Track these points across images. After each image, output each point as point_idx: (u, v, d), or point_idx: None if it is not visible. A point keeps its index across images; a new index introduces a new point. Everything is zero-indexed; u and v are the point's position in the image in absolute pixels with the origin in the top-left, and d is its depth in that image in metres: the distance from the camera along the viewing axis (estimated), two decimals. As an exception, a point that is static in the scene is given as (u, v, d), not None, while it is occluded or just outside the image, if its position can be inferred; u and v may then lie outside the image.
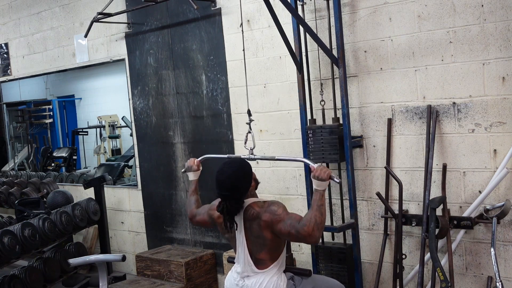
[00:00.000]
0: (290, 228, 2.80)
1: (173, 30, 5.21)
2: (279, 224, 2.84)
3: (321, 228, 2.79)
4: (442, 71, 3.64)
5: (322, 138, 3.94)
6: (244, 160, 3.03)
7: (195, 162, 3.50)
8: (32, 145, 8.90)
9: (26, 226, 4.71)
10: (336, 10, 3.81)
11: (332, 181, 2.83)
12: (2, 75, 7.35)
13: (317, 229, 2.76)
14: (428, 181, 3.63)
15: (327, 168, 2.85)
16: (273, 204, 2.92)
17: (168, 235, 5.58)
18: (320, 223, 2.76)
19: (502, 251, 3.54)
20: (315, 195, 2.82)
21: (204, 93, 5.03)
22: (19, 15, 6.91)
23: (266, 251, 2.94)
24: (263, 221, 2.87)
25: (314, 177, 2.83)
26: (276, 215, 2.86)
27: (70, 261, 4.02)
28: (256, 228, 2.91)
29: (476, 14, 3.47)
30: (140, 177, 5.78)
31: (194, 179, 3.51)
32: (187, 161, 3.55)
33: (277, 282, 2.94)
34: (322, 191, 2.82)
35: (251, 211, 2.92)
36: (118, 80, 6.47)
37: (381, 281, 3.98)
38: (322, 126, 3.97)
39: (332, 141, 3.90)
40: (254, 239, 2.94)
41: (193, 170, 3.49)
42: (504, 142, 3.46)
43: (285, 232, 2.83)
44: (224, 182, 2.89)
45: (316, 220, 2.75)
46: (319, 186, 2.82)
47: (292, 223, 2.81)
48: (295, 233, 2.79)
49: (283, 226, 2.83)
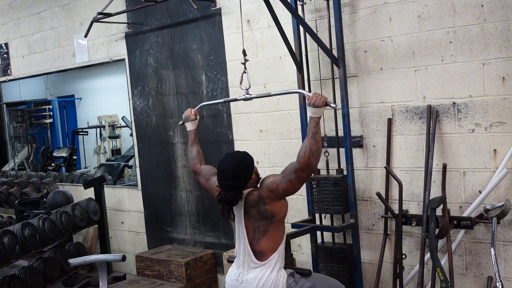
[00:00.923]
0: (289, 176, 2.83)
1: (173, 30, 5.21)
2: (279, 186, 2.87)
3: (318, 156, 2.79)
4: (442, 71, 3.64)
5: (326, 190, 3.97)
6: (247, 153, 3.05)
7: (192, 111, 3.54)
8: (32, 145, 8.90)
9: (26, 226, 4.71)
10: (336, 10, 3.81)
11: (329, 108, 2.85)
12: (2, 75, 7.35)
13: (313, 156, 2.77)
14: (428, 181, 3.63)
15: (322, 95, 2.86)
16: (264, 180, 2.95)
17: (168, 235, 5.58)
18: (315, 151, 2.77)
19: (502, 251, 3.54)
20: (310, 123, 2.83)
21: (204, 93, 5.03)
22: (19, 15, 6.91)
23: (266, 239, 2.94)
24: (266, 198, 2.90)
25: (309, 105, 2.85)
26: (272, 183, 2.89)
27: (70, 261, 4.03)
28: (261, 209, 2.92)
29: (476, 14, 3.47)
30: (140, 177, 5.78)
31: (192, 129, 3.54)
32: (184, 112, 3.58)
33: (276, 278, 2.95)
34: (318, 119, 2.83)
35: (251, 197, 2.96)
36: (118, 80, 6.47)
37: (381, 281, 3.98)
38: (326, 179, 3.99)
39: (336, 193, 3.94)
40: (254, 227, 2.95)
41: (190, 120, 3.53)
42: (504, 142, 3.46)
43: (288, 185, 2.84)
44: (226, 171, 2.92)
45: (311, 148, 2.77)
46: (315, 114, 2.83)
47: (286, 171, 2.85)
48: (294, 175, 2.81)
49: (283, 183, 2.85)
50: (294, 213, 4.45)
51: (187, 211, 5.37)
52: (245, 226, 2.98)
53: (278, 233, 2.98)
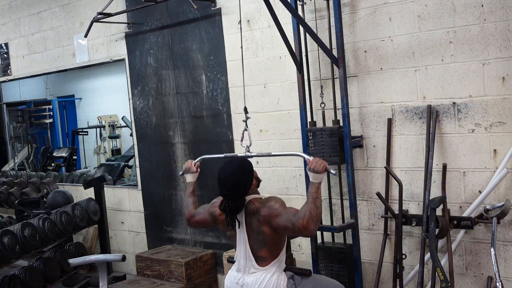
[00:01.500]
0: (286, 222, 2.82)
1: (173, 30, 5.21)
2: (277, 218, 2.86)
3: (317, 221, 2.79)
4: (442, 71, 3.64)
5: (323, 140, 3.93)
6: (245, 159, 3.04)
7: (193, 163, 3.51)
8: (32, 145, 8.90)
9: (26, 226, 4.71)
10: (336, 10, 3.81)
11: (330, 175, 2.83)
12: (2, 75, 7.35)
13: (312, 221, 2.76)
14: (428, 181, 3.63)
15: (323, 160, 2.85)
16: (271, 200, 2.94)
17: (168, 235, 5.58)
18: (315, 216, 2.77)
19: (502, 251, 3.54)
20: (310, 187, 2.83)
21: (204, 93, 5.03)
22: (19, 15, 6.91)
23: (267, 248, 2.94)
24: (262, 216, 2.90)
25: (310, 170, 2.84)
26: (273, 209, 2.88)
27: (70, 261, 4.03)
28: (256, 223, 2.93)
29: (476, 14, 3.47)
30: (140, 177, 5.78)
31: (192, 181, 3.50)
32: (185, 163, 3.54)
33: (277, 281, 2.94)
34: (318, 184, 2.83)
35: (252, 206, 2.95)
36: (118, 80, 6.47)
37: (381, 281, 3.98)
38: (322, 128, 3.97)
39: (332, 143, 3.90)
40: (255, 236, 2.95)
41: (191, 172, 3.49)
42: (504, 142, 3.46)
43: (282, 226, 2.85)
44: (226, 181, 2.91)
45: (311, 213, 2.76)
46: (315, 179, 2.83)
47: (288, 217, 2.83)
48: (291, 226, 2.80)
49: (280, 220, 2.84)
50: (294, 213, 4.45)
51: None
52: (246, 232, 2.98)
53: (279, 240, 2.98)
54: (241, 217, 2.97)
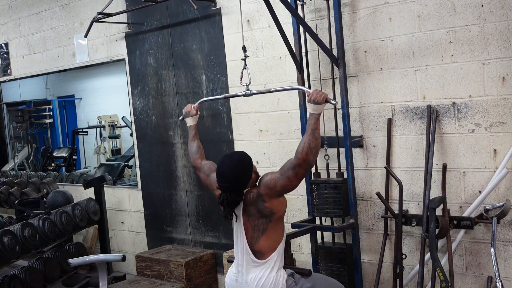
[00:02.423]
0: (287, 172, 2.84)
1: (173, 30, 5.21)
2: (277, 183, 2.87)
3: (316, 153, 2.80)
4: (442, 71, 3.64)
5: (327, 193, 3.97)
6: (245, 153, 3.05)
7: (192, 107, 3.55)
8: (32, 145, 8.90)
9: (26, 226, 4.71)
10: (336, 10, 3.81)
11: (329, 104, 2.87)
12: (2, 75, 7.35)
13: (311, 153, 2.78)
14: (428, 181, 3.63)
15: (322, 91, 2.86)
16: (263, 178, 2.96)
17: (168, 235, 5.58)
18: (314, 147, 2.78)
19: (502, 251, 3.54)
20: (310, 119, 2.83)
21: (204, 93, 5.03)
22: (19, 15, 6.91)
23: (265, 237, 2.94)
24: (264, 196, 2.90)
25: (309, 101, 2.85)
26: (269, 180, 2.90)
27: (70, 261, 4.03)
28: (260, 207, 2.92)
29: (476, 14, 3.47)
30: (140, 177, 5.78)
31: (193, 124, 3.55)
32: (185, 107, 3.58)
33: (276, 278, 2.94)
34: (318, 115, 2.84)
35: (251, 195, 2.96)
36: (118, 80, 6.46)
37: (381, 281, 3.98)
38: (326, 181, 4.00)
39: (336, 197, 3.94)
40: (254, 226, 2.95)
41: (191, 115, 3.54)
42: (504, 142, 3.46)
43: (286, 179, 2.85)
44: (225, 174, 2.91)
45: (310, 145, 2.78)
46: (315, 110, 2.83)
47: (285, 168, 2.86)
48: (292, 171, 2.81)
49: (281, 179, 2.86)
50: (294, 213, 4.45)
51: (187, 211, 5.37)
52: (244, 225, 2.98)
53: (277, 232, 2.98)
54: (238, 209, 2.98)
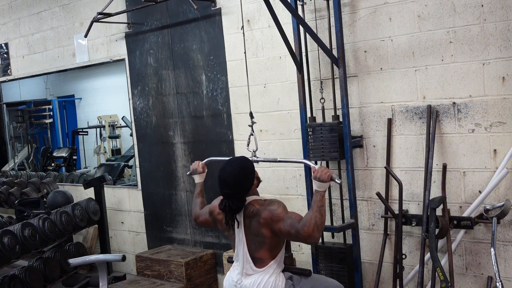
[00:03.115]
0: (290, 228, 2.82)
1: (173, 30, 5.21)
2: (279, 223, 2.85)
3: (321, 229, 2.80)
4: (442, 71, 3.64)
5: (322, 136, 3.93)
6: (246, 158, 3.04)
7: (200, 164, 3.54)
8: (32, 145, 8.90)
9: (26, 226, 4.71)
10: (336, 10, 3.81)
11: (333, 182, 2.84)
12: (2, 75, 7.35)
13: (317, 230, 2.77)
14: (428, 181, 3.63)
15: (328, 169, 2.85)
16: (273, 203, 2.93)
17: (168, 235, 5.58)
18: (320, 224, 2.78)
19: (502, 251, 3.54)
20: (315, 196, 2.83)
21: (204, 93, 5.03)
22: (19, 15, 6.91)
23: (265, 249, 2.94)
24: (262, 219, 2.89)
25: (315, 178, 2.84)
26: (275, 213, 2.87)
27: (70, 261, 4.03)
28: (255, 225, 2.92)
29: (476, 14, 3.47)
30: (140, 177, 5.78)
31: (199, 182, 3.54)
32: (192, 164, 3.59)
33: (275, 282, 2.94)
34: (323, 192, 2.83)
35: (251, 208, 2.94)
36: (118, 80, 6.47)
37: (381, 281, 3.98)
38: (322, 124, 3.97)
39: (332, 139, 3.90)
40: (253, 237, 2.94)
41: (198, 173, 3.53)
42: (504, 142, 3.46)
43: (285, 232, 2.84)
44: (227, 180, 2.90)
45: (316, 221, 2.76)
46: (320, 187, 2.83)
47: (292, 223, 2.82)
48: (295, 233, 2.80)
49: (283, 226, 2.84)
50: (294, 213, 4.45)
51: (187, 211, 5.37)
52: (244, 233, 2.97)
53: (276, 244, 2.97)
54: (239, 218, 2.97)
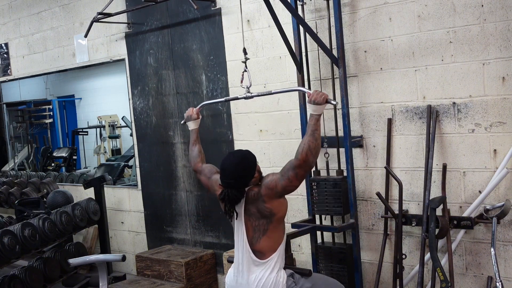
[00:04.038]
0: (287, 173, 2.85)
1: (173, 30, 5.21)
2: (278, 184, 2.88)
3: (316, 153, 2.82)
4: (442, 71, 3.64)
5: (326, 191, 3.98)
6: (250, 152, 3.06)
7: (194, 110, 3.55)
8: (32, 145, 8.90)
9: (26, 226, 4.71)
10: (336, 10, 3.81)
11: (329, 105, 2.88)
12: (2, 75, 7.35)
13: (311, 154, 2.79)
14: (428, 181, 3.63)
15: (323, 92, 2.87)
16: (264, 178, 2.97)
17: (168, 235, 5.58)
18: (314, 148, 2.79)
19: (502, 251, 3.54)
20: (310, 120, 2.84)
21: (204, 93, 5.03)
22: (19, 15, 6.91)
23: (266, 237, 2.94)
24: (265, 196, 2.91)
25: (310, 102, 2.86)
26: (270, 181, 2.91)
27: (70, 261, 4.03)
28: (261, 207, 2.92)
29: (476, 14, 3.47)
30: (140, 177, 5.78)
31: (194, 128, 3.55)
32: (186, 111, 3.58)
33: (276, 278, 2.94)
34: (318, 116, 2.85)
35: (252, 193, 2.96)
36: (118, 80, 6.47)
37: (381, 281, 3.98)
38: (326, 179, 4.00)
39: (336, 195, 3.94)
40: (254, 227, 2.95)
41: (193, 119, 3.55)
42: (504, 142, 3.46)
43: (287, 182, 2.86)
44: (229, 170, 2.93)
45: (310, 145, 2.79)
46: (315, 111, 2.84)
47: (285, 169, 2.87)
48: (292, 171, 2.83)
49: (282, 181, 2.87)
50: (294, 213, 4.45)
51: (187, 211, 5.37)
52: (245, 224, 2.98)
53: (277, 233, 2.98)
54: (240, 208, 2.98)
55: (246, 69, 3.43)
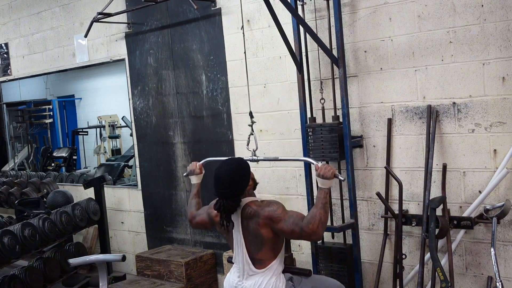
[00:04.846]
0: (294, 226, 2.83)
1: (173, 30, 5.21)
2: (280, 223, 2.86)
3: (325, 226, 2.84)
4: (442, 71, 3.64)
5: (322, 136, 3.94)
6: (242, 159, 3.05)
7: (197, 165, 3.53)
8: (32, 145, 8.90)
9: (26, 226, 4.71)
10: (336, 10, 3.81)
11: (335, 180, 2.88)
12: (2, 75, 7.35)
13: (321, 227, 2.81)
14: (428, 181, 3.63)
15: (331, 167, 2.88)
16: (271, 204, 2.94)
17: (168, 235, 5.58)
18: (324, 221, 2.81)
19: (502, 251, 3.54)
20: (319, 193, 2.85)
21: (204, 93, 5.03)
22: (19, 15, 6.91)
23: (265, 250, 2.94)
24: (262, 220, 2.89)
25: (318, 176, 2.86)
26: (276, 214, 2.88)
27: (70, 261, 4.03)
28: (254, 226, 2.92)
29: (476, 14, 3.47)
30: (140, 177, 5.78)
31: (196, 183, 3.53)
32: (190, 164, 3.58)
33: (275, 283, 2.94)
34: (327, 190, 2.86)
35: (249, 210, 2.94)
36: (118, 80, 6.47)
37: (381, 281, 3.98)
38: (322, 124, 3.98)
39: (332, 139, 3.90)
40: (252, 238, 2.95)
41: (195, 174, 3.52)
42: (504, 142, 3.46)
43: (288, 231, 2.85)
44: (222, 179, 2.91)
45: (321, 218, 2.80)
46: (324, 185, 2.85)
47: (295, 221, 2.83)
48: (299, 230, 2.81)
49: (285, 225, 2.85)
50: (294, 213, 4.45)
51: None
52: (243, 235, 2.97)
53: (276, 244, 2.98)
54: (237, 219, 2.97)
55: (252, 132, 3.45)
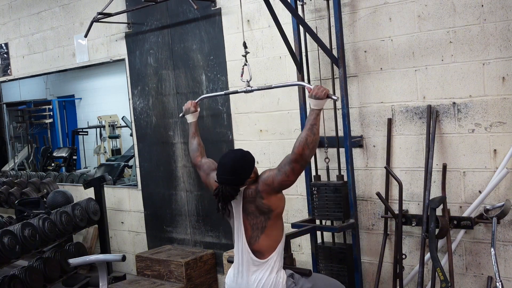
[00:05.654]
0: (284, 167, 2.85)
1: (173, 30, 5.21)
2: (275, 179, 2.88)
3: (312, 148, 2.82)
4: (442, 71, 3.64)
5: (327, 196, 3.96)
6: (248, 152, 3.07)
7: (192, 103, 3.56)
8: (32, 145, 8.90)
9: (26, 226, 4.71)
10: (336, 10, 3.81)
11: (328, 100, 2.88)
12: (2, 75, 7.35)
13: (308, 148, 2.79)
14: (428, 181, 3.63)
15: (324, 87, 2.88)
16: (261, 175, 2.97)
17: (168, 235, 5.58)
18: (311, 142, 2.80)
19: (502, 251, 3.54)
20: (310, 114, 2.85)
21: (204, 93, 5.03)
22: (19, 15, 6.91)
23: (265, 237, 2.94)
24: (262, 192, 2.91)
25: (311, 97, 2.87)
26: (269, 178, 2.91)
27: (70, 261, 4.03)
28: (260, 204, 2.92)
29: (476, 14, 3.47)
30: (140, 177, 5.78)
31: (193, 121, 3.56)
32: (185, 104, 3.59)
33: (276, 279, 2.94)
34: (318, 111, 2.86)
35: (249, 191, 2.96)
36: (118, 80, 6.47)
37: (381, 281, 3.98)
38: (327, 184, 3.98)
39: (336, 200, 3.93)
40: (252, 225, 2.95)
41: (191, 112, 3.55)
42: (504, 142, 3.46)
43: (283, 175, 2.86)
44: (226, 165, 2.93)
45: (307, 139, 2.80)
46: (316, 105, 2.86)
47: (282, 163, 2.87)
48: (288, 164, 2.83)
49: (279, 175, 2.87)
50: (294, 213, 4.45)
51: (187, 211, 5.37)
52: (243, 223, 2.98)
53: (276, 231, 2.98)
54: (238, 207, 2.98)
55: (246, 63, 3.44)
